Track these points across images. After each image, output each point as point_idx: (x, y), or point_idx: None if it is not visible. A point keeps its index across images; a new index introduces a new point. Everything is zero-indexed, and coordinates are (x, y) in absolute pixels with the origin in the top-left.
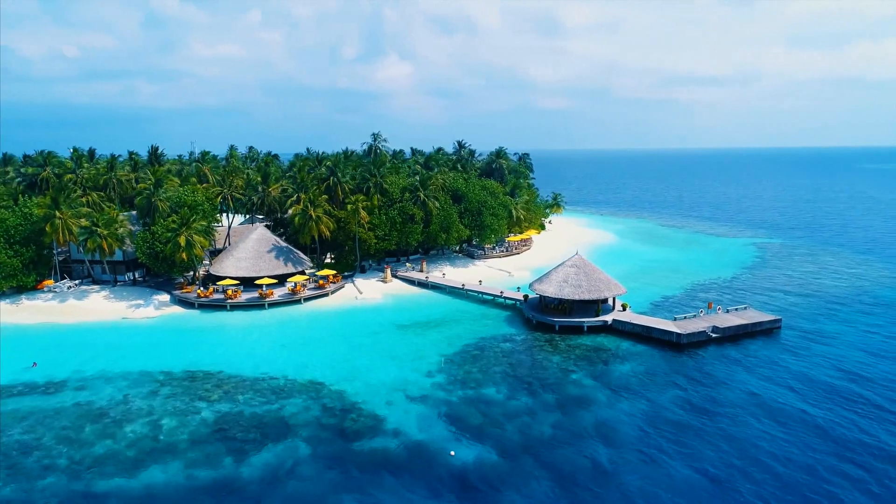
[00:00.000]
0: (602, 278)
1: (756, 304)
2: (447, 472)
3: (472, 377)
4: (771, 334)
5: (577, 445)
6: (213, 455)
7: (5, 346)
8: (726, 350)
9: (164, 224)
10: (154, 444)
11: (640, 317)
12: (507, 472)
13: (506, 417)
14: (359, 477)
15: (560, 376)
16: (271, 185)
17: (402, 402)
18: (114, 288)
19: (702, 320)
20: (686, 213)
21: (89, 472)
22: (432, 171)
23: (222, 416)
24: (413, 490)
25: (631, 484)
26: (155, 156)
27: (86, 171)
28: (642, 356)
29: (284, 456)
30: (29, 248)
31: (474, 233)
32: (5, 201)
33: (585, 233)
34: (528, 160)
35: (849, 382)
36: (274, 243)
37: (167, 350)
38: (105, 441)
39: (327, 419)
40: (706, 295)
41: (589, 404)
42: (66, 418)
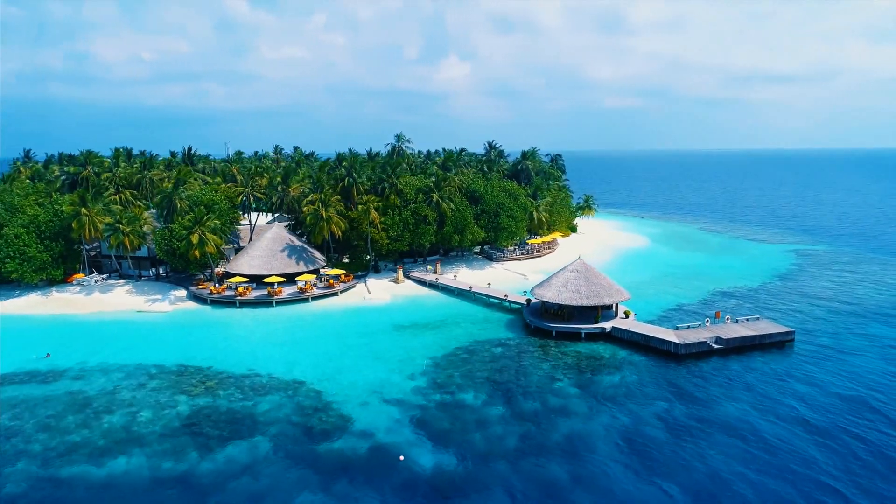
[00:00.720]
0: (604, 284)
1: (777, 314)
2: (404, 477)
3: (454, 381)
4: (783, 348)
5: (543, 457)
6: (180, 448)
7: (27, 336)
8: (729, 363)
9: (180, 222)
10: (126, 434)
11: (640, 325)
12: (464, 481)
13: (477, 424)
14: (315, 477)
15: (544, 384)
16: (292, 185)
17: (376, 404)
18: (137, 283)
19: (705, 330)
20: (735, 216)
21: (59, 459)
22: (450, 172)
23: (198, 411)
24: (367, 493)
25: (583, 501)
26: (188, 156)
27: (122, 170)
28: (637, 366)
29: (248, 452)
30: (58, 243)
31: (490, 235)
32: (43, 198)
33: (617, 236)
34: (560, 161)
35: (859, 406)
36: (288, 242)
37: (168, 344)
38: (81, 430)
39: (298, 418)
40: (724, 304)
41: (567, 415)
42: (53, 407)
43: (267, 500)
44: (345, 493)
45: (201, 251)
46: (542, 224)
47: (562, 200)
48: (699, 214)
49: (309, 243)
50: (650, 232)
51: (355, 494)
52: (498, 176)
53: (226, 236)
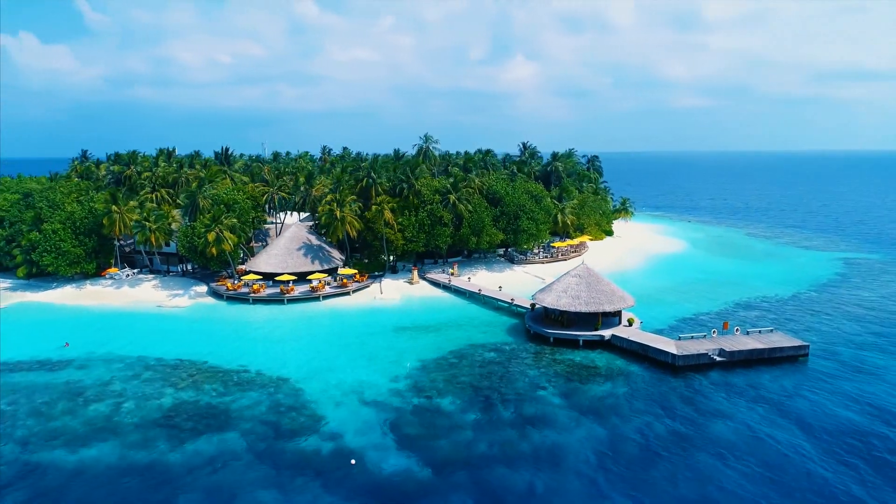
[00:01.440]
0: (606, 290)
1: (799, 326)
2: (362, 480)
3: (436, 385)
4: (796, 362)
5: (508, 467)
6: (152, 439)
7: (54, 326)
8: (732, 377)
9: (200, 220)
10: (105, 423)
11: (642, 333)
12: (421, 487)
13: (447, 430)
14: (274, 474)
15: (526, 392)
16: (315, 185)
17: (352, 405)
18: (164, 278)
19: (709, 342)
20: (791, 222)
21: (38, 445)
22: (470, 174)
23: (179, 404)
24: (320, 494)
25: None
26: (225, 156)
27: (161, 169)
28: (630, 377)
29: (215, 446)
30: (91, 239)
31: (510, 237)
32: (82, 196)
33: (655, 240)
34: (597, 163)
35: (865, 436)
36: (305, 241)
37: (175, 338)
38: (66, 417)
39: (271, 415)
40: (745, 314)
41: (543, 425)
42: (49, 394)
43: (224, 493)
44: (299, 491)
45: (218, 248)
46: (568, 227)
47: (592, 203)
48: (753, 219)
49: (329, 243)
50: (692, 236)
51: (309, 494)
52: (523, 178)
53: (245, 235)
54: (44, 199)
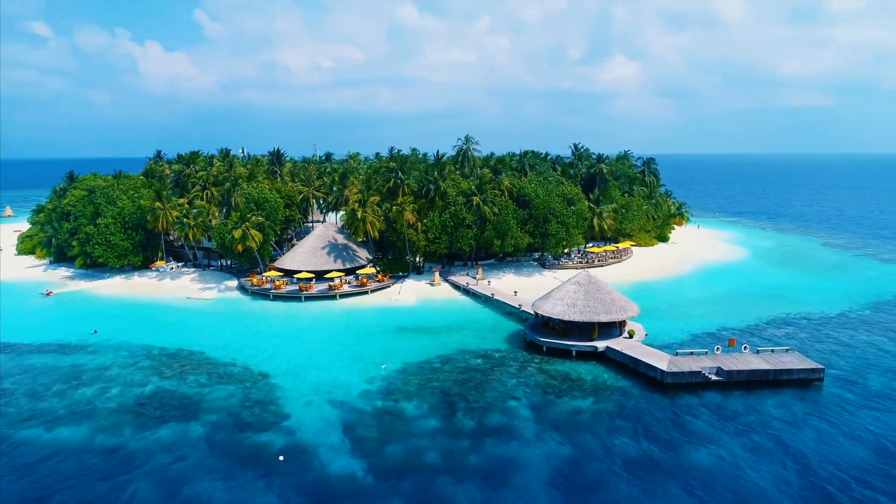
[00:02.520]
0: (605, 299)
1: (829, 348)
2: (305, 478)
3: (407, 389)
4: (808, 387)
5: (455, 479)
6: (121, 424)
7: (92, 313)
8: (729, 400)
9: (231, 217)
10: (85, 407)
11: (637, 346)
12: (362, 491)
13: (404, 435)
14: (226, 466)
15: (496, 402)
16: (348, 185)
17: (320, 404)
18: (203, 272)
19: (708, 358)
20: (885, 233)
21: (22, 423)
22: (500, 175)
23: (158, 392)
24: (260, 488)
25: None
26: (277, 156)
27: (216, 168)
28: (614, 392)
29: (177, 435)
30: (138, 233)
31: (537, 241)
32: (136, 192)
33: (714, 248)
34: (652, 165)
35: (876, 472)
36: (330, 240)
37: (186, 329)
38: (54, 399)
39: (239, 409)
40: (774, 331)
41: (504, 437)
42: (51, 376)
43: (172, 480)
44: (243, 484)
45: (244, 245)
46: (605, 231)
47: (637, 207)
48: (841, 228)
49: (358, 243)
50: (759, 245)
51: (251, 488)
52: (558, 179)
53: (275, 232)
54: (103, 196)
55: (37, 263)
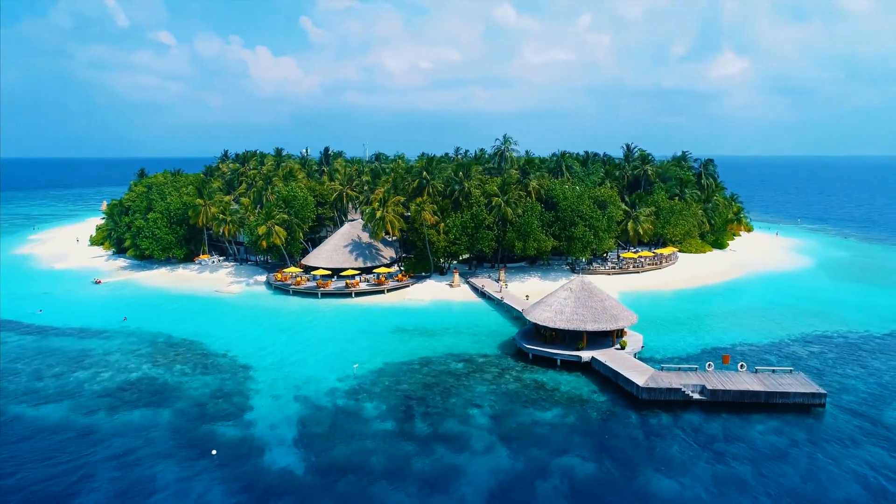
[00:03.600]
0: (597, 307)
1: (853, 372)
2: (246, 469)
3: (373, 390)
4: (808, 413)
5: (392, 483)
6: (98, 407)
7: (129, 301)
8: (710, 422)
9: (258, 214)
10: (73, 388)
11: (623, 359)
12: (299, 489)
13: (354, 436)
14: (180, 452)
15: (457, 408)
16: (380, 185)
17: (285, 399)
18: (240, 266)
19: (694, 375)
20: None
21: (16, 399)
22: (528, 176)
23: (143, 378)
24: (207, 477)
25: None
26: (326, 156)
27: (266, 167)
28: (586, 406)
29: (143, 420)
30: (182, 227)
31: (563, 244)
32: (189, 189)
33: (775, 256)
34: (710, 168)
35: None
36: (354, 239)
37: (200, 320)
38: (50, 379)
39: (207, 399)
40: (801, 349)
41: (458, 446)
42: (58, 358)
43: (128, 460)
44: (187, 470)
45: (268, 242)
46: (643, 236)
47: (681, 211)
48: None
49: (384, 242)
50: (830, 255)
51: (193, 474)
52: (594, 180)
53: (302, 230)
54: (157, 192)
55: (102, 254)
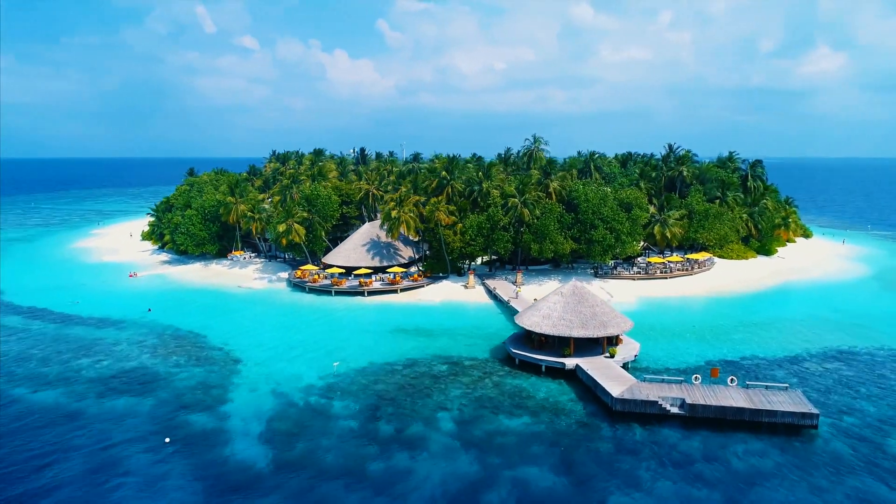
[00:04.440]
0: (585, 313)
1: (873, 391)
2: (212, 460)
3: (349, 389)
4: (797, 434)
5: (345, 483)
6: (88, 393)
7: (158, 293)
8: (687, 439)
9: (279, 212)
10: (73, 375)
11: (609, 367)
12: (254, 483)
13: (318, 433)
14: (152, 438)
15: (425, 412)
16: (404, 185)
17: (262, 393)
18: (269, 263)
19: (675, 388)
20: None
21: (20, 382)
22: (550, 177)
23: (138, 368)
24: (170, 465)
25: None
26: (362, 156)
27: (305, 167)
28: (559, 416)
29: (127, 407)
30: (216, 224)
31: (582, 247)
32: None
33: (828, 264)
34: (758, 169)
35: None
36: (373, 238)
37: (212, 313)
38: (56, 365)
39: (189, 390)
40: (818, 365)
41: (418, 450)
42: (69, 346)
43: (105, 443)
44: (151, 456)
45: (287, 239)
46: (671, 241)
47: (717, 215)
48: None
49: (406, 241)
50: (891, 264)
51: (157, 460)
52: (622, 182)
53: (324, 228)
54: (196, 189)
55: (148, 249)
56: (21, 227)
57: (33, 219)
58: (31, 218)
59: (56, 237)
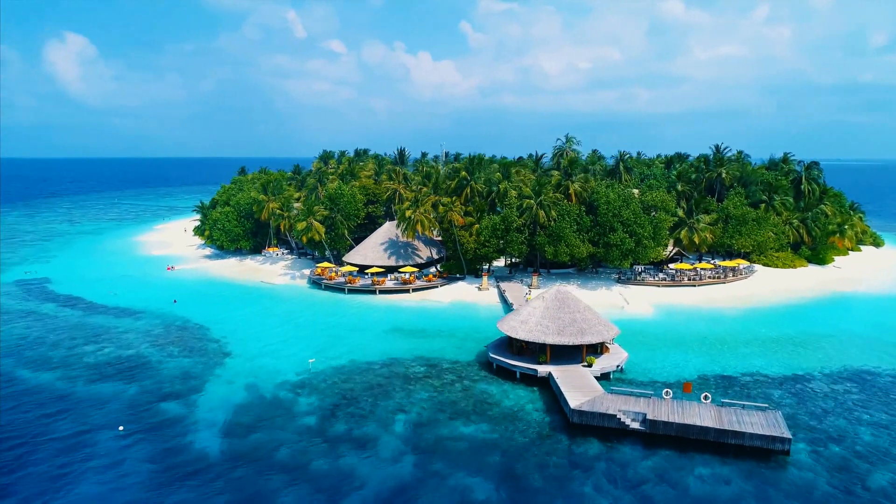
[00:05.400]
0: (564, 319)
1: (879, 416)
2: (166, 446)
3: (318, 386)
4: (766, 460)
5: (288, 479)
6: (81, 376)
7: (188, 287)
8: (646, 458)
9: (301, 211)
10: (73, 360)
11: (583, 375)
12: (201, 472)
13: (275, 428)
14: (125, 422)
15: (382, 413)
16: (425, 184)
17: (236, 387)
18: (298, 259)
19: (641, 402)
20: None
21: (23, 364)
22: (571, 178)
23: (134, 356)
24: (131, 450)
25: None
26: (401, 156)
27: (343, 166)
28: (518, 425)
29: (113, 391)
30: (250, 221)
31: (600, 251)
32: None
33: (888, 274)
34: (814, 172)
35: None
36: (391, 238)
37: (225, 306)
38: (63, 350)
39: (171, 380)
40: (827, 386)
41: (367, 451)
42: (83, 332)
43: (85, 424)
44: (117, 440)
45: (307, 237)
46: (699, 246)
47: (754, 219)
48: None
49: (427, 241)
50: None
51: (118, 443)
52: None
53: (346, 226)
54: (237, 187)
55: (196, 243)
56: (97, 220)
57: (110, 213)
58: (109, 213)
59: (121, 231)
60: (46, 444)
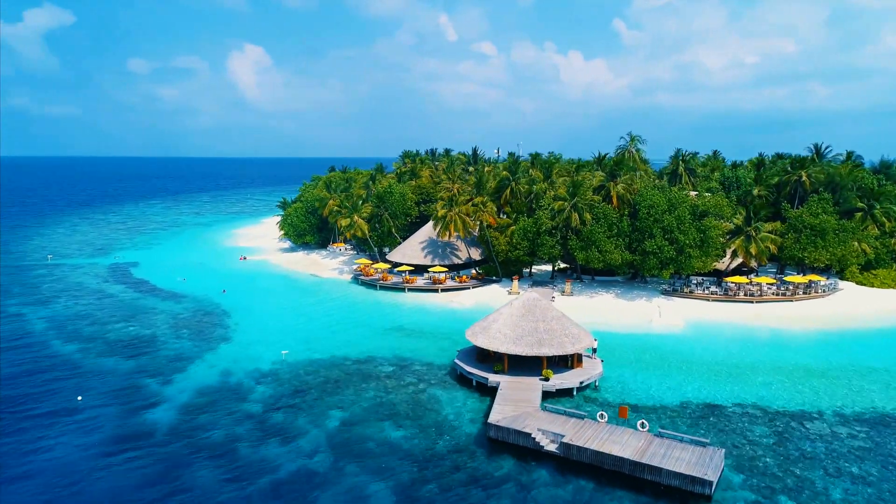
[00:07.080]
0: (527, 328)
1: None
2: (129, 420)
3: (281, 377)
4: (686, 501)
5: (207, 458)
6: (93, 350)
7: (250, 276)
8: (559, 485)
9: (348, 206)
10: (100, 335)
11: (530, 388)
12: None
13: (223, 413)
14: (106, 395)
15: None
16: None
17: (214, 372)
18: (358, 255)
19: (567, 424)
20: None
21: (55, 332)
22: (615, 178)
23: (149, 336)
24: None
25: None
26: (475, 155)
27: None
28: (444, 434)
29: (113, 367)
30: (315, 217)
31: (637, 258)
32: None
33: None
34: (892, 170)
35: None
36: (431, 237)
37: (263, 295)
38: (98, 326)
39: (165, 361)
40: (820, 425)
41: (285, 444)
42: (126, 311)
43: (78, 392)
44: (90, 414)
45: (351, 233)
46: (758, 258)
47: (833, 229)
48: None
49: (468, 242)
50: None
51: (92, 414)
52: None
53: (391, 224)
54: (313, 185)
55: (278, 237)
56: (217, 213)
57: (234, 207)
58: (233, 207)
59: (230, 223)
60: (37, 406)
